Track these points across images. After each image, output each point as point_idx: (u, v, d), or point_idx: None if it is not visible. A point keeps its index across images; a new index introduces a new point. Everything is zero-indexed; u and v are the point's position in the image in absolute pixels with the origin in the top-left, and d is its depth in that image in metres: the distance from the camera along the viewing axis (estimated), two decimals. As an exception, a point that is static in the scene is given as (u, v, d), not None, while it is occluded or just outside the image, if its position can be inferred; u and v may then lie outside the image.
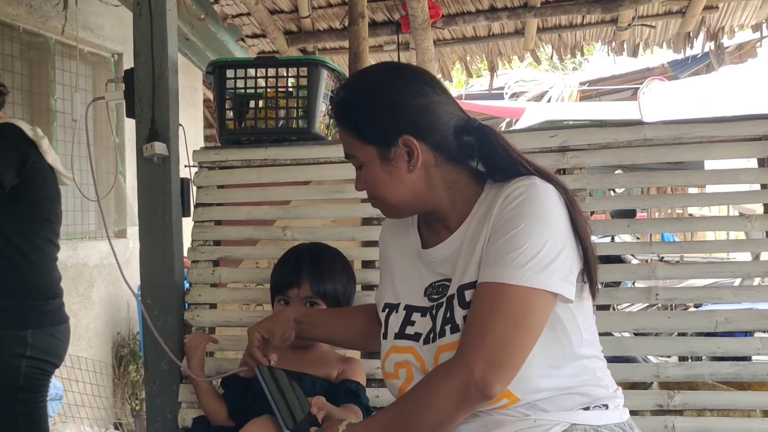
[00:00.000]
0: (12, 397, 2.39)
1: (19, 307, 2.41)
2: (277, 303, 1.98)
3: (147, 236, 2.26)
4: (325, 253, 2.04)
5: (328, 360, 1.96)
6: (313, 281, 1.94)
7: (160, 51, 2.21)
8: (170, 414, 2.22)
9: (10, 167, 2.35)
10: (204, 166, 2.37)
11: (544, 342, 1.36)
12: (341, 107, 1.55)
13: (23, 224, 2.44)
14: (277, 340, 1.78)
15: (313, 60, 2.31)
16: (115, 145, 5.02)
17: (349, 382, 1.89)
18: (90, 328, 4.70)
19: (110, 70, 5.14)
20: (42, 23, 4.36)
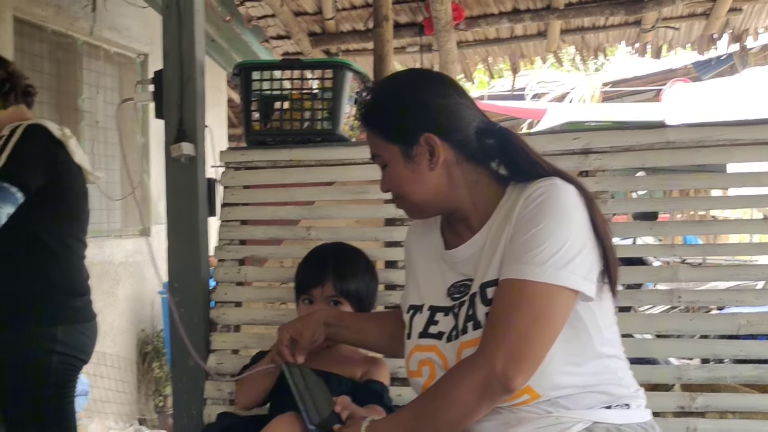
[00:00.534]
0: (43, 392, 2.42)
1: (49, 304, 2.44)
2: (301, 302, 2.01)
3: (174, 235, 2.30)
4: (348, 252, 2.07)
5: (353, 360, 1.99)
6: (336, 280, 1.96)
7: (188, 53, 2.26)
8: (196, 410, 2.26)
9: (36, 170, 2.38)
10: (230, 166, 2.41)
11: (565, 339, 1.39)
12: (367, 108, 1.60)
13: (52, 223, 2.48)
14: (305, 341, 1.81)
15: (338, 62, 2.34)
16: (141, 144, 5.09)
17: (374, 383, 1.91)
18: (115, 325, 4.76)
19: (136, 70, 5.21)
20: (70, 24, 4.43)
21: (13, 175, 2.31)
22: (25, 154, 2.37)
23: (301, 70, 2.36)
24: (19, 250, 2.41)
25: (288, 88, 2.41)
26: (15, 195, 2.30)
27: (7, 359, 2.42)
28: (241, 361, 2.25)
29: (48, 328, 2.42)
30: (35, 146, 2.41)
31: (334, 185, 2.39)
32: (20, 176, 2.32)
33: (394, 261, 2.26)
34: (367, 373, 1.94)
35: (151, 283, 5.16)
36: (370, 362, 1.99)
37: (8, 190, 2.29)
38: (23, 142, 2.38)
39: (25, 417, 2.44)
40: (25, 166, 2.35)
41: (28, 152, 2.38)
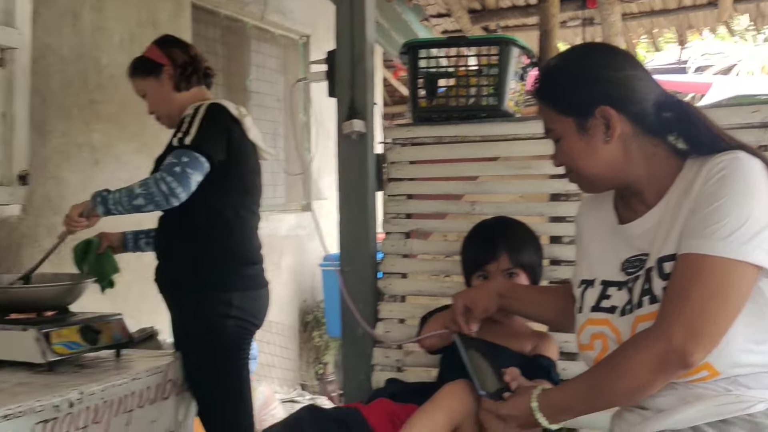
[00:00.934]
0: (221, 353, 2.61)
1: (224, 272, 2.61)
2: (476, 279, 2.05)
3: (345, 208, 2.42)
4: (514, 224, 2.10)
5: (522, 333, 2.02)
6: (511, 252, 1.99)
7: (359, 33, 2.35)
8: (365, 375, 2.37)
9: (220, 145, 2.55)
10: (397, 142, 2.49)
11: (747, 316, 1.36)
12: (541, 82, 1.61)
13: (227, 196, 2.64)
14: (479, 311, 1.86)
15: (503, 39, 2.36)
16: (303, 123, 5.31)
17: (542, 358, 1.93)
18: (281, 295, 5.01)
19: (299, 51, 5.42)
20: (240, 9, 4.67)
21: (201, 146, 2.48)
22: (210, 130, 2.54)
23: (467, 47, 2.39)
24: (197, 221, 2.59)
25: (453, 66, 2.45)
26: (204, 164, 2.47)
27: (188, 321, 2.62)
28: (408, 330, 2.34)
29: (224, 294, 2.59)
30: (217, 123, 2.58)
31: (498, 160, 2.41)
32: (208, 148, 2.49)
33: (560, 236, 2.27)
34: (536, 347, 1.97)
35: (312, 255, 5.39)
36: (539, 337, 2.01)
37: (198, 159, 2.46)
38: (207, 119, 2.55)
39: (204, 375, 2.63)
40: (212, 139, 2.52)
41: (213, 128, 2.55)
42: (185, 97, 2.70)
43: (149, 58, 2.71)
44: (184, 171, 2.42)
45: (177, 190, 2.40)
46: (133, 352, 2.79)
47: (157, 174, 2.44)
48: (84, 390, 2.21)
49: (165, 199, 2.41)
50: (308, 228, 5.31)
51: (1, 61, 2.72)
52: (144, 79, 2.71)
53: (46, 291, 2.61)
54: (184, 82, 2.71)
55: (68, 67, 3.21)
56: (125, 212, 2.49)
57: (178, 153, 2.46)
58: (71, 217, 2.55)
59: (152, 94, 2.72)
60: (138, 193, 2.42)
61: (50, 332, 2.40)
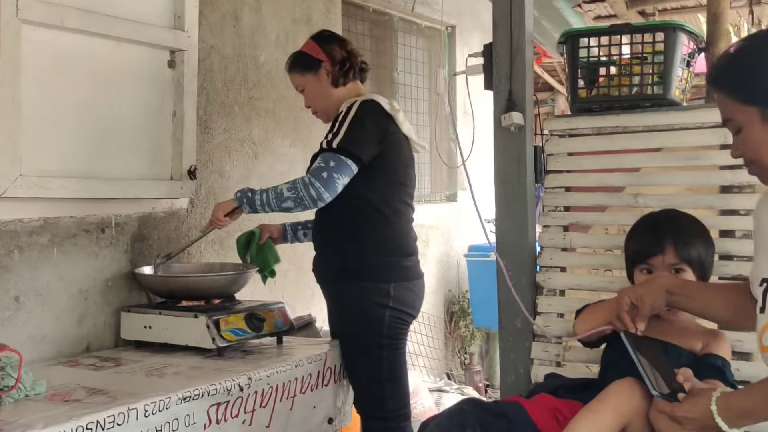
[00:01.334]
0: (378, 342, 2.66)
1: (383, 263, 2.66)
2: (639, 273, 1.99)
3: (502, 201, 2.40)
4: (684, 218, 2.02)
5: (691, 331, 1.94)
6: (677, 246, 1.92)
7: (517, 24, 2.32)
8: (522, 369, 2.36)
9: (369, 143, 2.59)
10: (555, 133, 2.45)
11: None
12: (721, 70, 1.54)
13: (383, 189, 2.68)
14: (646, 308, 1.80)
15: (670, 24, 2.27)
16: (447, 114, 5.32)
17: (714, 357, 1.85)
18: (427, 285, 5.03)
19: (443, 42, 5.42)
20: (388, 2, 4.72)
21: (349, 149, 2.54)
22: (360, 129, 2.59)
23: (631, 35, 2.31)
24: (357, 213, 2.65)
25: (615, 54, 2.38)
26: (350, 167, 2.54)
27: (348, 308, 2.68)
28: (567, 325, 2.30)
29: (382, 284, 2.64)
30: (369, 121, 2.62)
31: (662, 151, 2.33)
32: (355, 149, 2.54)
33: (731, 230, 2.16)
34: (707, 346, 1.89)
35: (457, 245, 5.39)
36: (710, 335, 1.93)
37: (345, 162, 2.52)
38: (358, 117, 2.60)
39: (362, 364, 2.70)
40: (360, 140, 2.57)
41: (363, 127, 2.59)
42: (342, 93, 2.76)
43: (308, 53, 2.78)
44: (331, 176, 2.50)
45: (324, 195, 2.50)
46: (293, 339, 2.90)
47: (305, 178, 2.53)
48: (252, 375, 2.32)
49: (312, 203, 2.52)
50: (453, 218, 5.32)
51: (171, 62, 2.87)
52: (303, 75, 2.78)
53: (214, 280, 2.76)
54: (342, 78, 2.76)
55: (230, 65, 3.35)
56: (272, 212, 2.62)
57: (326, 156, 2.54)
58: (217, 218, 2.69)
59: (310, 89, 2.79)
60: (287, 196, 2.53)
61: (219, 319, 2.53)
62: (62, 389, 2.09)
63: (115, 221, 2.76)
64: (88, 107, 2.59)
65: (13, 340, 2.33)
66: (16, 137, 2.30)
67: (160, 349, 2.60)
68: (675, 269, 1.93)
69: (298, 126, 3.77)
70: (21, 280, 2.43)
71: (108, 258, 2.73)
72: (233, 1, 3.37)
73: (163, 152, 2.87)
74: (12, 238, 2.41)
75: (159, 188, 2.83)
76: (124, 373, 2.33)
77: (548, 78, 8.16)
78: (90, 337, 2.67)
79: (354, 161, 2.54)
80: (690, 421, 1.52)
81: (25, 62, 2.34)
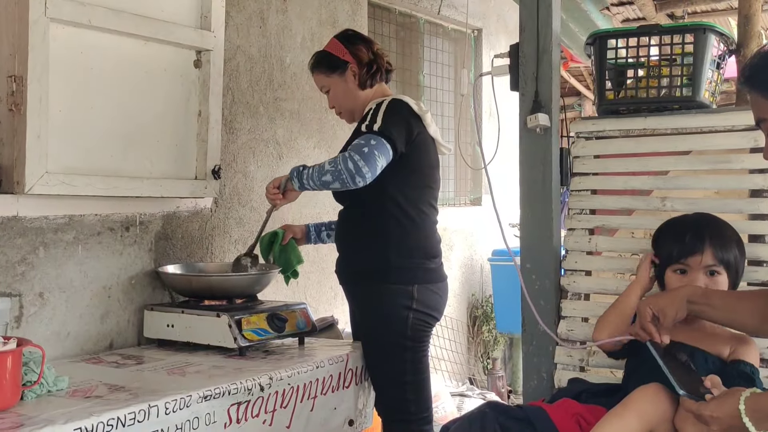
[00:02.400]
0: (401, 344, 2.63)
1: (407, 265, 2.64)
2: (672, 273, 1.96)
3: (527, 203, 2.38)
4: (719, 221, 1.99)
5: (719, 336, 1.90)
6: (716, 247, 1.89)
7: (544, 25, 2.30)
8: (546, 373, 2.33)
9: (403, 137, 2.58)
10: (581, 136, 2.42)
11: None
12: (755, 68, 1.51)
13: (409, 190, 2.66)
14: (668, 321, 1.77)
15: (700, 26, 2.23)
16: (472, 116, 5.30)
17: (743, 364, 1.82)
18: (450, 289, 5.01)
19: (470, 45, 5.40)
20: (414, 5, 4.71)
21: (388, 134, 2.51)
22: (396, 120, 2.57)
23: (660, 36, 2.28)
24: (382, 214, 2.63)
25: (643, 56, 2.35)
26: (389, 150, 2.51)
27: (372, 309, 2.67)
28: (592, 330, 2.27)
29: (407, 286, 2.62)
30: (400, 117, 2.60)
31: (691, 154, 2.29)
32: (394, 137, 2.52)
33: (761, 235, 2.12)
34: (734, 352, 1.85)
35: (481, 249, 5.36)
36: (738, 340, 1.89)
37: (385, 144, 2.49)
38: (391, 112, 2.58)
39: (385, 365, 2.68)
40: (397, 129, 2.55)
41: (396, 121, 2.58)
42: (368, 94, 2.75)
43: (333, 54, 2.76)
44: (372, 152, 2.45)
45: (363, 169, 2.42)
46: (315, 340, 2.89)
47: (345, 153, 2.49)
48: (273, 375, 2.31)
49: (351, 178, 2.44)
50: (478, 222, 5.30)
51: (197, 62, 2.88)
52: (328, 75, 2.77)
53: (238, 280, 2.76)
54: (369, 80, 2.74)
55: (255, 66, 3.36)
56: (316, 188, 2.58)
57: (366, 136, 2.51)
58: (268, 189, 2.69)
59: (336, 90, 2.77)
60: (327, 169, 2.49)
61: (241, 319, 2.54)
62: (84, 385, 2.10)
63: (140, 220, 2.77)
64: (114, 106, 2.61)
65: (37, 336, 2.35)
66: (43, 135, 2.32)
67: (183, 347, 2.61)
68: (711, 271, 1.89)
69: (323, 127, 3.77)
70: (46, 276, 2.45)
71: (132, 256, 2.74)
72: (260, 2, 3.38)
73: (187, 152, 2.88)
74: (37, 234, 2.42)
75: (183, 187, 2.84)
76: (145, 370, 2.33)
77: (575, 83, 8.11)
78: (113, 335, 2.68)
79: (392, 147, 2.51)
80: (716, 421, 1.49)
81: (53, 60, 2.35)
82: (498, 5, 5.52)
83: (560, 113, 2.41)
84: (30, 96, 2.28)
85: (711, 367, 1.81)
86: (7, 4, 2.31)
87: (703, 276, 1.89)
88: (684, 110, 2.29)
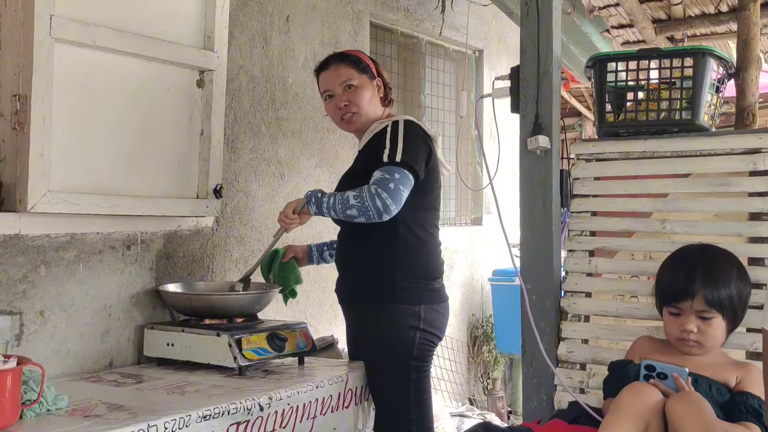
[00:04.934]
0: (408, 364, 2.63)
1: (414, 285, 2.63)
2: (667, 314, 1.96)
3: (527, 225, 2.39)
4: (718, 258, 1.97)
5: (722, 363, 1.90)
6: (707, 294, 1.88)
7: (545, 48, 2.32)
8: (546, 395, 2.33)
9: (423, 162, 2.58)
10: (582, 158, 2.43)
11: None
12: None
13: (419, 212, 2.65)
14: None
15: (699, 50, 2.26)
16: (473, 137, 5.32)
17: (751, 398, 1.80)
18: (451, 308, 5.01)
19: (471, 66, 5.44)
20: (416, 26, 4.74)
21: (410, 163, 2.51)
22: (415, 147, 2.57)
23: (660, 59, 2.30)
24: (390, 235, 2.62)
25: (643, 79, 2.37)
26: (411, 181, 2.51)
27: (378, 329, 2.65)
28: (592, 352, 2.27)
29: (413, 306, 2.62)
30: (419, 140, 2.61)
31: (691, 177, 2.31)
32: (415, 165, 2.52)
33: (760, 258, 2.13)
34: (741, 382, 1.84)
35: (481, 269, 5.36)
36: (743, 368, 1.88)
37: (408, 176, 2.50)
38: (410, 135, 2.58)
39: (390, 385, 2.67)
40: (417, 156, 2.55)
41: (416, 145, 2.58)
42: (384, 113, 2.77)
43: (365, 61, 2.76)
44: (398, 187, 2.46)
45: (391, 207, 2.44)
46: (315, 360, 2.89)
47: (371, 188, 2.47)
48: (272, 395, 2.31)
49: (378, 214, 2.45)
50: (478, 242, 5.30)
51: (200, 82, 2.90)
52: (360, 73, 2.72)
53: (238, 299, 2.76)
54: (382, 101, 2.77)
55: (258, 86, 3.38)
56: (336, 218, 2.58)
57: (390, 168, 2.49)
58: (286, 214, 2.65)
59: (363, 91, 2.71)
60: (353, 204, 2.48)
61: (241, 338, 2.53)
62: (84, 404, 2.09)
63: (141, 238, 2.78)
64: (117, 125, 2.62)
65: (37, 355, 2.35)
66: (46, 153, 2.33)
67: (182, 366, 2.61)
68: (702, 317, 1.89)
69: (324, 147, 3.79)
70: (47, 295, 2.46)
71: (133, 274, 2.75)
72: (263, 23, 3.41)
73: (189, 171, 2.89)
74: (39, 253, 2.43)
75: (185, 206, 2.85)
76: (145, 389, 2.33)
77: (576, 103, 8.13)
78: (113, 353, 2.68)
79: (414, 176, 2.52)
80: None
81: (57, 80, 2.37)
82: (499, 27, 5.55)
83: (561, 134, 2.42)
84: (34, 115, 2.29)
85: (715, 394, 1.80)
86: (12, 24, 2.33)
87: (696, 320, 1.89)
88: (683, 133, 2.30)
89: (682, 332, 1.89)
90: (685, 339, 1.88)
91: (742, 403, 1.79)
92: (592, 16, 4.26)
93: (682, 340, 1.89)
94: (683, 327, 1.89)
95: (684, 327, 1.89)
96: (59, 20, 2.35)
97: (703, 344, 1.89)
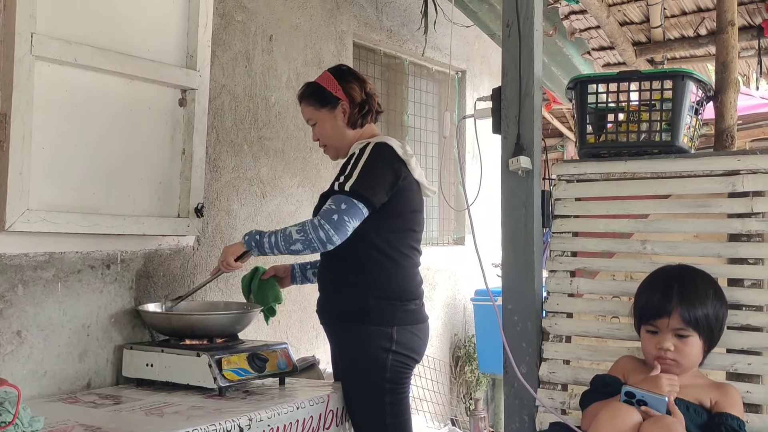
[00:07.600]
0: (381, 386, 2.61)
1: (386, 307, 2.62)
2: (645, 333, 1.97)
3: (509, 245, 2.39)
4: (695, 279, 1.98)
5: (700, 383, 1.91)
6: (684, 312, 1.89)
7: (527, 69, 2.33)
8: (527, 416, 2.32)
9: (383, 189, 2.57)
10: (563, 179, 2.44)
11: None
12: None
13: (390, 234, 2.65)
14: None
15: (679, 72, 2.28)
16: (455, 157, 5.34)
17: (731, 418, 1.80)
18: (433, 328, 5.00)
19: (454, 87, 5.47)
20: (399, 46, 4.77)
21: (361, 192, 2.52)
22: (374, 174, 2.56)
23: (639, 82, 2.32)
24: (363, 257, 2.63)
25: (623, 101, 2.39)
26: (361, 211, 2.52)
27: (351, 351, 2.65)
28: (573, 372, 2.27)
29: (385, 328, 2.61)
30: (382, 165, 2.59)
31: (671, 198, 2.32)
32: (368, 194, 2.52)
33: (740, 279, 2.14)
34: (717, 404, 1.84)
35: (464, 289, 5.37)
36: (719, 389, 1.89)
37: (356, 206, 2.51)
38: (372, 161, 2.58)
39: (366, 407, 2.66)
40: (373, 184, 2.55)
41: (376, 172, 2.57)
42: (356, 134, 2.74)
43: (326, 89, 2.72)
44: (342, 219, 2.48)
45: (334, 238, 2.47)
46: (296, 380, 2.87)
47: (315, 220, 2.51)
48: (253, 416, 2.29)
49: (322, 245, 2.49)
50: (460, 262, 5.30)
51: (182, 101, 2.89)
52: (317, 109, 2.74)
53: (218, 319, 2.74)
54: (360, 120, 2.73)
55: (240, 105, 3.38)
56: (281, 254, 2.58)
57: (337, 199, 2.52)
58: (228, 264, 2.67)
59: (323, 125, 2.75)
60: (296, 239, 2.50)
61: (221, 358, 2.51)
62: (60, 426, 2.06)
63: (121, 257, 2.75)
64: (98, 143, 2.61)
65: (14, 375, 2.32)
66: (25, 172, 2.31)
67: (162, 387, 2.58)
68: (679, 335, 1.90)
69: (307, 166, 3.79)
70: (24, 314, 2.43)
71: (112, 294, 2.72)
72: (246, 42, 3.41)
73: (171, 189, 2.88)
74: (17, 272, 2.40)
75: (166, 225, 2.83)
76: (123, 411, 2.30)
77: (558, 124, 8.20)
78: (91, 374, 2.65)
79: (366, 205, 2.52)
80: None
81: (37, 98, 2.36)
82: (482, 48, 5.59)
83: (542, 155, 2.43)
84: (13, 133, 2.28)
85: (692, 415, 1.80)
86: (-8, 42, 2.32)
87: (672, 338, 1.90)
88: (663, 155, 2.32)
89: (659, 350, 1.90)
90: (662, 357, 1.89)
91: (722, 424, 1.79)
92: (574, 38, 4.31)
93: (659, 358, 1.90)
94: (660, 345, 1.90)
95: (661, 345, 1.89)
96: (40, 38, 2.34)
97: (680, 363, 1.89)
